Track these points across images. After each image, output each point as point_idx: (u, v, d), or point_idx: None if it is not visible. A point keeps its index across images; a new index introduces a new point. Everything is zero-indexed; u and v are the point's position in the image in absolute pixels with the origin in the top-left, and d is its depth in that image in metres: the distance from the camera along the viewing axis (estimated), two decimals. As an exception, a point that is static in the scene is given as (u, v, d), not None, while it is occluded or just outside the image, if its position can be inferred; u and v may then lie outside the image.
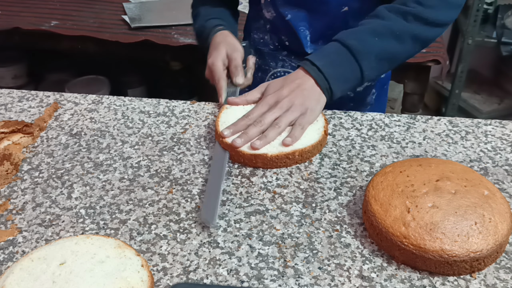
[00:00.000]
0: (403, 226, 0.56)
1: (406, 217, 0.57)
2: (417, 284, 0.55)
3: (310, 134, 0.74)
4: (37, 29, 1.69)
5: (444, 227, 0.55)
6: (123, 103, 0.88)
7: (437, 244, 0.54)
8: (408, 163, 0.65)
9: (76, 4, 1.89)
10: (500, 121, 0.82)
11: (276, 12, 0.94)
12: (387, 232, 0.57)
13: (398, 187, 0.60)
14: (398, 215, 0.57)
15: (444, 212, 0.56)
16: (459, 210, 0.56)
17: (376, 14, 0.82)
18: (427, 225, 0.55)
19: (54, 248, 0.56)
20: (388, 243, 0.57)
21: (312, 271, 0.56)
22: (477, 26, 1.96)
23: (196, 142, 0.77)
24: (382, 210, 0.58)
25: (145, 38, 1.64)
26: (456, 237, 0.54)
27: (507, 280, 0.55)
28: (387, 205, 0.58)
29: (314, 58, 0.79)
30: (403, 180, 0.61)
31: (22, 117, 0.84)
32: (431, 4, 0.80)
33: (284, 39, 0.97)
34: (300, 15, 0.92)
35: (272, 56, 0.99)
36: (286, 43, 0.97)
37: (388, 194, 0.60)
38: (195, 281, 0.55)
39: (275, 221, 0.63)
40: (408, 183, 0.60)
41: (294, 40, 0.95)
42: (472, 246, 0.54)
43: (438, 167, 0.63)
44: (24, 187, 0.69)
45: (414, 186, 0.60)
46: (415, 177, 0.61)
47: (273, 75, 1.01)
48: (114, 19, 1.79)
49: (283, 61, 0.99)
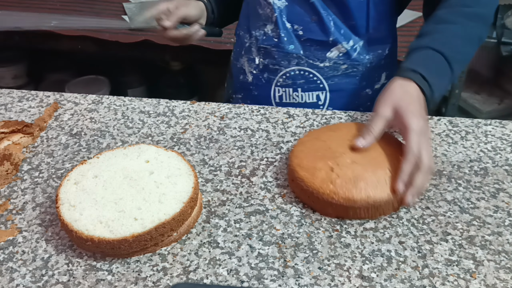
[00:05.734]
0: (331, 184, 0.62)
1: (331, 176, 0.63)
2: (417, 284, 0.55)
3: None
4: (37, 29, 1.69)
5: (365, 178, 0.62)
6: (123, 103, 0.88)
7: (363, 193, 0.61)
8: (321, 131, 0.72)
9: (76, 4, 1.89)
10: (500, 121, 0.82)
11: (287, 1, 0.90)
12: (318, 193, 0.62)
13: (318, 152, 0.67)
14: (324, 176, 0.63)
15: (362, 166, 0.64)
16: (374, 161, 0.64)
17: (443, 19, 0.79)
18: (351, 179, 0.62)
19: None
20: (320, 203, 0.63)
21: (312, 271, 0.56)
22: (477, 26, 1.95)
23: (196, 142, 0.77)
24: (309, 175, 0.64)
25: (145, 38, 1.64)
26: (376, 184, 0.62)
27: (507, 280, 0.55)
28: (313, 169, 0.64)
29: (426, 73, 0.72)
30: (321, 145, 0.68)
31: (22, 117, 0.84)
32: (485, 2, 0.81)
33: (297, 28, 0.91)
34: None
35: (283, 54, 0.94)
36: (299, 32, 0.92)
37: (311, 160, 0.65)
38: (195, 281, 0.55)
39: (275, 221, 0.63)
40: (326, 147, 0.67)
41: (315, 27, 0.90)
42: (391, 189, 0.62)
43: (348, 129, 0.70)
44: (24, 187, 0.69)
45: (332, 149, 0.67)
46: (331, 141, 0.68)
47: (284, 75, 0.95)
48: (114, 19, 1.79)
49: (298, 59, 0.93)
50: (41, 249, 0.59)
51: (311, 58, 0.93)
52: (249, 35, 0.97)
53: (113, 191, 0.61)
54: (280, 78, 0.96)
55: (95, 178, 0.63)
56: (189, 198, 0.60)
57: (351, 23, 0.89)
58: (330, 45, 0.91)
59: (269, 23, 0.94)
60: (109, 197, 0.60)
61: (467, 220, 0.63)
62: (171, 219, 0.57)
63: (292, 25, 0.92)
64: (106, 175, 0.63)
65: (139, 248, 0.57)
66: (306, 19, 0.91)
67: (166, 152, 0.67)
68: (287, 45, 0.93)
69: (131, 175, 0.63)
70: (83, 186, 0.62)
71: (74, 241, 0.59)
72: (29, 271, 0.56)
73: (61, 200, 0.60)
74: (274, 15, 0.92)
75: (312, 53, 0.92)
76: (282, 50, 0.94)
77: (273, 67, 0.96)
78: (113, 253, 0.57)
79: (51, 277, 0.56)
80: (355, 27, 0.89)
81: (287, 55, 0.93)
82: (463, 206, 0.65)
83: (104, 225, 0.57)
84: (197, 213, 0.62)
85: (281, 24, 0.92)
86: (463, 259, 0.57)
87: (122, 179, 0.63)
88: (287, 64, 0.94)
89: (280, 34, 0.93)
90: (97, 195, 0.61)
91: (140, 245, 0.57)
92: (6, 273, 0.56)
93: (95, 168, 0.65)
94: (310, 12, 0.90)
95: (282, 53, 0.94)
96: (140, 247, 0.57)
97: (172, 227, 0.58)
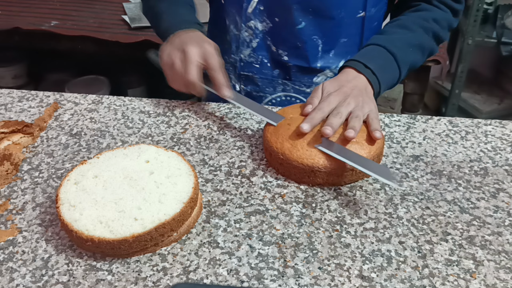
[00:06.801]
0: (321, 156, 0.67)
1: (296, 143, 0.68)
2: (417, 284, 0.55)
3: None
4: (37, 29, 1.69)
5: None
6: (123, 103, 0.88)
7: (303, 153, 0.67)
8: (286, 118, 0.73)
9: (76, 4, 1.89)
10: (500, 121, 0.82)
11: (272, 22, 0.86)
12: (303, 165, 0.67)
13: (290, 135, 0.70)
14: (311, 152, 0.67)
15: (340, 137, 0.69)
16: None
17: (405, 25, 0.83)
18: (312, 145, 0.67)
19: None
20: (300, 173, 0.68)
21: (312, 271, 0.56)
22: (477, 26, 1.96)
23: (196, 142, 0.77)
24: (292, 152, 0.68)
25: (145, 38, 1.65)
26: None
27: (507, 280, 0.55)
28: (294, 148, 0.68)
29: (366, 60, 0.76)
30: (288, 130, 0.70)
31: (22, 117, 0.84)
32: (444, 25, 0.86)
33: (281, 53, 0.88)
34: (314, 22, 0.85)
35: (268, 80, 0.91)
36: (283, 57, 0.88)
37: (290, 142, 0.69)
38: (195, 281, 0.55)
39: (275, 221, 0.63)
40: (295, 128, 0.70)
41: (298, 52, 0.87)
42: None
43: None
44: (24, 187, 0.69)
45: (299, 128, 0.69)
46: (297, 122, 0.71)
47: (270, 102, 0.92)
48: (114, 19, 1.79)
49: (284, 85, 0.91)
50: (41, 249, 0.59)
51: (297, 84, 0.91)
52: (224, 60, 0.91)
53: (113, 191, 0.61)
54: (266, 104, 0.93)
55: (95, 178, 0.63)
56: (189, 198, 0.60)
57: (343, 40, 0.88)
58: (317, 71, 0.90)
59: (244, 48, 0.89)
60: (109, 197, 0.60)
61: (467, 220, 0.63)
62: (171, 219, 0.57)
63: (277, 49, 0.89)
64: (106, 175, 0.63)
65: (139, 248, 0.57)
66: (291, 45, 0.88)
67: (166, 152, 0.67)
68: (271, 70, 0.90)
69: (131, 175, 0.63)
70: (83, 186, 0.62)
71: (74, 241, 0.59)
72: (29, 271, 0.56)
73: (61, 200, 0.60)
74: (256, 40, 0.88)
75: (298, 79, 0.90)
76: (266, 76, 0.91)
77: (257, 94, 0.93)
78: (113, 253, 0.57)
79: (51, 277, 0.56)
80: (347, 44, 0.89)
81: (272, 81, 0.91)
82: (463, 206, 0.65)
83: (104, 225, 0.57)
84: (197, 213, 0.62)
85: (265, 47, 0.89)
86: (463, 259, 0.58)
87: (122, 179, 0.63)
88: (272, 91, 0.92)
89: (263, 60, 0.89)
90: (97, 195, 0.61)
91: (140, 245, 0.57)
92: (6, 273, 0.56)
93: (95, 168, 0.65)
94: (295, 38, 0.87)
95: (267, 80, 0.91)
96: (140, 247, 0.57)
97: (172, 227, 0.58)
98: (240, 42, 0.90)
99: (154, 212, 0.58)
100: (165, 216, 0.57)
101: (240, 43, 0.90)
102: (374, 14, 0.88)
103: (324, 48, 0.88)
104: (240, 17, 0.88)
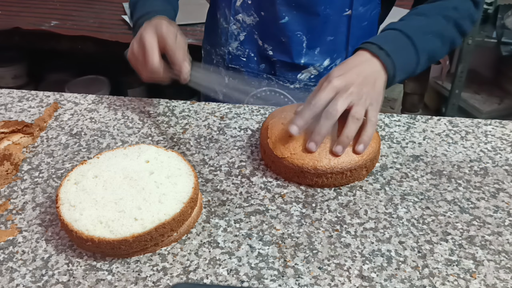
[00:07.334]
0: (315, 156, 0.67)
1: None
2: (417, 284, 0.55)
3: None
4: (37, 29, 1.69)
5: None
6: (123, 103, 0.88)
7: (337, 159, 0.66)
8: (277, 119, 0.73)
9: (76, 4, 1.89)
10: (500, 121, 0.82)
11: (259, 16, 0.86)
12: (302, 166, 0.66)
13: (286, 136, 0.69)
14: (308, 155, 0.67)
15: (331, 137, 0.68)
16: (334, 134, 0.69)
17: (422, 12, 0.79)
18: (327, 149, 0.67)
19: None
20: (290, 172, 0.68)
21: (312, 271, 0.56)
22: (477, 26, 1.96)
23: (196, 142, 0.77)
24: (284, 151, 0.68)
25: (145, 38, 1.64)
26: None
27: (507, 280, 0.55)
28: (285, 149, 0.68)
29: (381, 42, 0.71)
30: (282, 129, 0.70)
31: (22, 117, 0.84)
32: (465, 15, 0.81)
33: (267, 47, 0.87)
34: (298, 18, 0.85)
35: (254, 74, 0.91)
36: (269, 52, 0.87)
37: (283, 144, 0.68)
38: (195, 281, 0.55)
39: (275, 221, 0.63)
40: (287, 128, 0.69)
41: (285, 49, 0.87)
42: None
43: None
44: (24, 187, 0.69)
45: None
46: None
47: (255, 96, 0.92)
48: (114, 19, 1.79)
49: (268, 80, 0.90)
50: (41, 249, 0.59)
51: (281, 80, 0.90)
52: (215, 52, 0.92)
53: (113, 191, 0.61)
54: (251, 98, 0.93)
55: (95, 178, 0.63)
56: (189, 198, 0.60)
57: (329, 38, 0.87)
58: (301, 68, 0.89)
59: (232, 41, 0.90)
60: (109, 197, 0.60)
61: (467, 220, 0.63)
62: (171, 219, 0.57)
63: (263, 43, 0.88)
64: (106, 175, 0.63)
65: (139, 248, 0.57)
66: (276, 39, 0.87)
67: (166, 152, 0.67)
68: (257, 64, 0.90)
69: (131, 175, 0.63)
70: (83, 186, 0.62)
71: (74, 241, 0.59)
72: (29, 271, 0.56)
73: (61, 200, 0.60)
74: (243, 34, 0.88)
75: (283, 74, 0.90)
76: (252, 70, 0.90)
77: (243, 88, 0.93)
78: (113, 253, 0.57)
79: (51, 277, 0.56)
80: (334, 43, 0.87)
81: (257, 75, 0.91)
82: (463, 206, 0.65)
83: (104, 225, 0.57)
84: (197, 213, 0.62)
85: (252, 41, 0.89)
86: (463, 259, 0.58)
87: (122, 179, 0.63)
88: (257, 85, 0.92)
89: (249, 54, 0.90)
90: (97, 195, 0.61)
91: (140, 245, 0.57)
92: (6, 273, 0.56)
93: (95, 168, 0.65)
94: (280, 33, 0.86)
95: (252, 74, 0.91)
96: (140, 247, 0.57)
97: (172, 227, 0.58)
98: (229, 35, 0.90)
99: (154, 212, 0.58)
100: (165, 216, 0.57)
101: (229, 35, 0.90)
102: (363, 13, 0.87)
103: (309, 45, 0.88)
104: (229, 10, 0.89)
